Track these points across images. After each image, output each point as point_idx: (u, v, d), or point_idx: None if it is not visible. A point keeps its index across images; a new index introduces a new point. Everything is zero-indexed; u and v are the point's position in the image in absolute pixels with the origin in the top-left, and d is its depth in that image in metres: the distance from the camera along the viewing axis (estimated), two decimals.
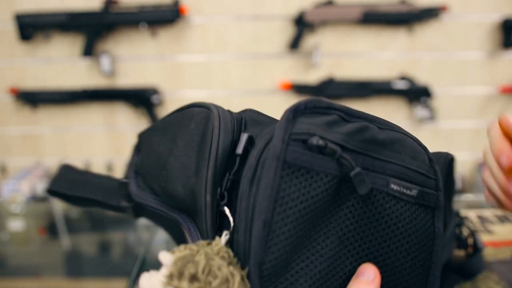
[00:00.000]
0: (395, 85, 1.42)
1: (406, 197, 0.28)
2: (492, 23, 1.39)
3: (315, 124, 0.26)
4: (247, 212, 0.25)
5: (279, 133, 0.25)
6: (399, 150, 0.28)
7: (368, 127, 0.28)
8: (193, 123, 0.32)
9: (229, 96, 1.49)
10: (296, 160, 0.25)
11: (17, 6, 1.40)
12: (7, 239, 1.05)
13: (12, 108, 1.52)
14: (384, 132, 0.28)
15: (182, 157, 0.31)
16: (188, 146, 0.31)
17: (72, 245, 1.03)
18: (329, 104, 0.29)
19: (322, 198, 0.25)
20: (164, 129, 0.36)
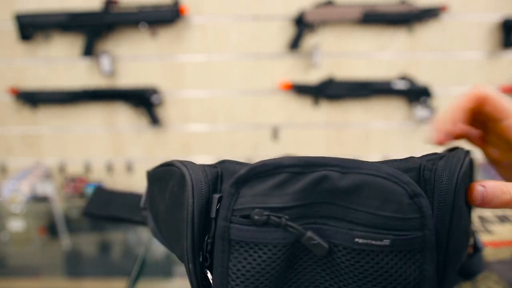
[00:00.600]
0: (395, 85, 1.43)
1: (377, 248, 0.25)
2: (492, 23, 1.39)
3: (258, 194, 0.26)
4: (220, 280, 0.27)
5: (222, 212, 0.26)
6: (366, 195, 0.26)
7: (327, 176, 0.26)
8: (174, 183, 0.32)
9: (229, 96, 1.49)
10: (241, 237, 0.26)
11: (17, 6, 1.40)
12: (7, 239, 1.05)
13: (12, 108, 1.52)
14: (347, 177, 0.26)
15: (171, 215, 0.32)
16: (173, 206, 0.32)
17: (72, 245, 1.03)
18: (275, 165, 0.27)
19: (275, 267, 0.26)
20: (157, 181, 0.37)
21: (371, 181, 0.26)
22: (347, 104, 1.49)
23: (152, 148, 1.56)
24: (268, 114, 1.51)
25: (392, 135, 1.53)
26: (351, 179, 0.26)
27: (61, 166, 1.57)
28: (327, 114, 1.51)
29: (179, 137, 1.55)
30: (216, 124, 1.53)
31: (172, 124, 1.53)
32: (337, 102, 1.49)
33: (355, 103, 1.49)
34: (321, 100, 1.48)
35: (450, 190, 0.27)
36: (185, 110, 1.52)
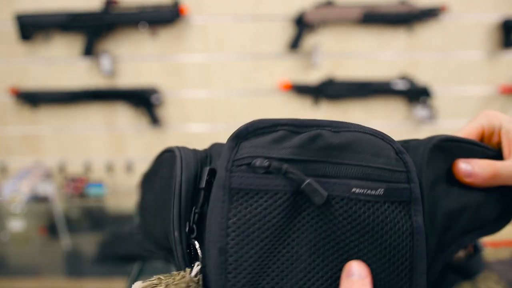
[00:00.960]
0: (395, 85, 1.43)
1: (373, 198, 0.27)
2: (492, 23, 1.39)
3: (259, 146, 0.27)
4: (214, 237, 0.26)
5: (222, 163, 0.26)
6: (357, 150, 0.27)
7: (321, 134, 0.27)
8: (164, 168, 0.33)
9: (229, 96, 1.49)
10: (242, 184, 0.26)
11: (17, 6, 1.40)
12: (7, 239, 1.05)
13: (12, 108, 1.52)
14: (339, 135, 0.28)
15: (158, 200, 0.32)
16: (162, 189, 0.32)
17: (72, 245, 1.03)
18: (273, 122, 0.28)
19: (276, 215, 0.26)
20: (148, 178, 0.37)
21: (361, 137, 0.28)
22: (347, 104, 1.49)
23: (152, 148, 1.56)
24: (268, 114, 1.51)
25: (392, 135, 1.52)
26: (343, 136, 0.27)
27: (61, 166, 1.57)
28: (327, 114, 1.51)
29: (179, 137, 1.54)
30: (216, 124, 1.53)
31: (172, 124, 1.53)
32: (337, 102, 1.49)
33: (355, 103, 1.49)
34: (321, 100, 1.48)
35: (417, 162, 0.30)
36: (185, 110, 1.52)
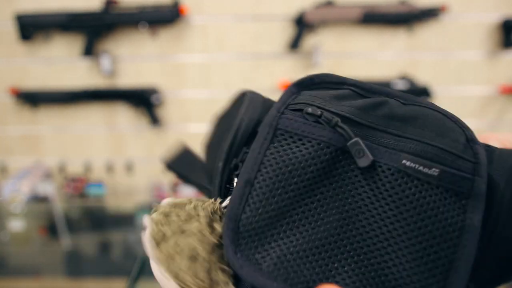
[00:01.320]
0: (395, 85, 1.42)
1: (423, 176, 0.24)
2: (492, 23, 1.39)
3: (319, 96, 0.26)
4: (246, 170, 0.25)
5: (277, 104, 0.26)
6: (422, 126, 0.26)
7: (387, 102, 0.26)
8: (233, 108, 0.33)
9: (229, 96, 1.49)
10: (288, 127, 0.25)
11: (17, 6, 1.40)
12: (7, 239, 1.05)
13: (12, 108, 1.52)
14: (407, 107, 0.26)
15: (220, 136, 0.33)
16: (225, 126, 0.32)
17: (72, 245, 1.03)
18: (341, 80, 0.27)
19: (311, 164, 0.24)
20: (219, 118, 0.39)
21: (430, 114, 0.26)
22: None
23: (152, 148, 1.56)
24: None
25: None
26: (411, 108, 0.26)
27: (61, 166, 1.58)
28: None
29: (179, 137, 1.55)
30: None
31: (172, 124, 1.53)
32: None
33: None
34: None
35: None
36: (185, 110, 1.52)
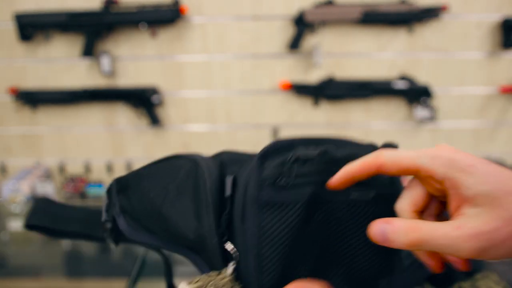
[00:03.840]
0: (395, 85, 1.42)
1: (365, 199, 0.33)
2: (492, 23, 1.39)
3: (281, 164, 0.32)
4: (243, 246, 0.32)
5: (253, 182, 0.32)
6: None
7: (327, 150, 0.33)
8: (182, 174, 0.38)
9: (229, 96, 1.49)
10: (270, 199, 0.31)
11: (17, 6, 1.40)
12: (7, 239, 1.05)
13: (12, 108, 1.52)
14: (341, 150, 0.34)
15: (177, 203, 0.37)
16: (181, 194, 0.37)
17: (72, 245, 1.03)
18: (289, 143, 0.34)
19: (297, 222, 0.31)
20: (153, 176, 0.41)
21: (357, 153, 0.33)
22: (347, 104, 1.49)
23: (152, 148, 1.56)
24: (268, 114, 1.51)
25: (392, 135, 1.53)
26: (344, 152, 0.34)
27: (61, 166, 1.58)
28: (327, 114, 1.51)
29: (179, 137, 1.55)
30: (216, 124, 1.53)
31: (172, 124, 1.53)
32: (337, 102, 1.49)
33: (355, 103, 1.49)
34: (321, 100, 1.48)
35: None
36: (185, 110, 1.52)
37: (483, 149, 1.54)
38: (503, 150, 1.54)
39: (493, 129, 1.51)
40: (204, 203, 0.34)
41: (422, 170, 0.28)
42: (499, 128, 1.51)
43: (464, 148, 1.53)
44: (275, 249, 0.31)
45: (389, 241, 0.27)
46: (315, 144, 0.34)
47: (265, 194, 0.31)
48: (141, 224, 0.41)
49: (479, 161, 0.26)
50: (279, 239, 0.31)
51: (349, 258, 0.34)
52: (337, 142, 0.35)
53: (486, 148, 1.54)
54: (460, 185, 0.26)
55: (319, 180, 0.32)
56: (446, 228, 0.25)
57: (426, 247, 0.26)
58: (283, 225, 0.31)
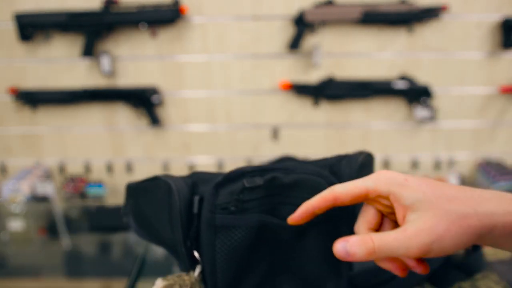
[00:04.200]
0: (395, 85, 1.43)
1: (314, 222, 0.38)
2: (492, 23, 1.39)
3: (232, 192, 0.38)
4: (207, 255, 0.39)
5: (207, 207, 0.38)
6: (301, 188, 0.39)
7: (276, 177, 0.39)
8: (161, 194, 0.44)
9: (229, 96, 1.49)
10: (223, 222, 0.38)
11: (17, 6, 1.40)
12: (7, 239, 1.05)
13: (12, 108, 1.52)
14: (289, 176, 0.39)
15: (160, 216, 0.45)
16: (161, 211, 0.44)
17: (72, 245, 1.03)
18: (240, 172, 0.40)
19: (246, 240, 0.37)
20: (144, 193, 0.50)
21: (305, 179, 0.39)
22: (347, 104, 1.49)
23: (152, 148, 1.56)
24: (268, 114, 1.51)
25: (392, 135, 1.53)
26: (292, 177, 0.39)
27: (61, 166, 1.58)
28: (327, 114, 1.51)
29: (179, 137, 1.55)
30: (216, 124, 1.53)
31: (172, 124, 1.53)
32: (337, 102, 1.49)
33: (355, 103, 1.49)
34: (321, 100, 1.48)
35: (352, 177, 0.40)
36: (185, 110, 1.52)
37: (483, 149, 1.54)
38: (503, 150, 1.54)
39: (493, 129, 1.51)
40: (174, 221, 0.41)
41: (370, 192, 0.33)
42: (499, 128, 1.51)
43: (464, 148, 1.53)
44: (226, 262, 0.38)
45: (350, 256, 0.31)
46: (264, 171, 0.39)
47: (217, 218, 0.37)
48: (141, 225, 0.51)
49: (411, 176, 0.33)
50: (229, 255, 0.38)
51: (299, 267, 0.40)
52: (288, 169, 0.40)
53: (486, 148, 1.54)
54: (400, 196, 0.31)
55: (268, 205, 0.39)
56: (394, 233, 0.30)
57: (382, 253, 0.30)
58: (233, 244, 0.37)
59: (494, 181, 1.41)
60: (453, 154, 1.55)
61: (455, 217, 0.29)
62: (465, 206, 0.30)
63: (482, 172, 1.50)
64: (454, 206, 0.30)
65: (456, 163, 1.55)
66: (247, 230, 0.37)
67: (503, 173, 1.42)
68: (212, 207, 0.38)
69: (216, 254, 0.38)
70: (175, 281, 0.39)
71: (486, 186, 1.46)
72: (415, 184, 0.31)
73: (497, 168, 1.46)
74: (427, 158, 1.54)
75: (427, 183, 0.32)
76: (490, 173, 1.45)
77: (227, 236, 0.37)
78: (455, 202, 0.30)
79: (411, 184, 0.31)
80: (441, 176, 1.54)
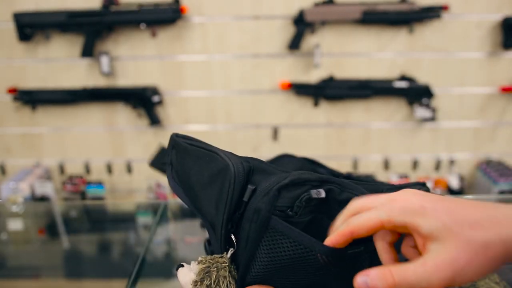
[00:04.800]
0: (395, 85, 1.42)
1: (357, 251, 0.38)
2: (492, 23, 1.39)
3: (293, 197, 0.38)
4: (244, 240, 0.39)
5: (267, 206, 0.38)
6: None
7: (332, 190, 0.39)
8: (215, 170, 0.44)
9: (229, 96, 1.49)
10: (276, 226, 0.37)
11: (17, 6, 1.40)
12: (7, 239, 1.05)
13: (12, 108, 1.52)
14: (343, 194, 0.40)
15: (207, 190, 0.45)
16: (210, 185, 0.44)
17: (71, 245, 1.02)
18: (305, 179, 0.39)
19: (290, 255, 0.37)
20: (194, 158, 0.49)
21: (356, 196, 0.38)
22: (347, 104, 1.49)
23: (152, 148, 1.56)
24: (268, 114, 1.51)
25: (392, 135, 1.52)
26: (346, 195, 0.40)
27: (60, 166, 1.57)
28: (327, 114, 1.51)
29: None
30: (216, 124, 1.53)
31: (172, 124, 1.53)
32: (337, 102, 1.48)
33: (355, 103, 1.49)
34: (321, 100, 1.48)
35: None
36: (185, 110, 1.52)
37: (483, 149, 1.54)
38: (503, 150, 1.54)
39: (493, 129, 1.51)
40: (223, 202, 0.41)
41: (385, 223, 0.32)
42: (499, 128, 1.51)
43: (464, 148, 1.53)
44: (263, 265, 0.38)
45: None
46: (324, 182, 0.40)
47: (275, 219, 0.38)
48: (180, 184, 0.51)
49: (428, 200, 0.30)
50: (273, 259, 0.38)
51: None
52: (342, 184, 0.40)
53: (486, 148, 1.53)
54: (417, 226, 0.30)
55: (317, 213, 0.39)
56: (413, 267, 0.29)
57: (402, 287, 0.29)
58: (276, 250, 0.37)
59: (494, 181, 1.41)
60: (453, 154, 1.55)
61: (479, 247, 0.27)
62: (489, 232, 0.28)
63: (482, 172, 1.50)
64: (477, 233, 0.28)
65: (456, 163, 1.54)
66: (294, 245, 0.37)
67: (503, 173, 1.42)
68: (272, 208, 0.38)
69: (259, 250, 0.38)
70: (211, 263, 0.40)
71: (486, 186, 1.46)
72: (433, 211, 0.30)
73: (497, 168, 1.46)
74: (427, 158, 1.54)
75: (446, 208, 0.30)
76: (490, 173, 1.45)
77: (275, 240, 0.38)
78: (477, 228, 0.28)
79: (429, 212, 0.30)
80: (441, 176, 1.54)
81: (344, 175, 0.61)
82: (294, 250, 0.37)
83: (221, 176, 0.43)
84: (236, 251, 0.41)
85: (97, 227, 1.10)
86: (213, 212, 0.43)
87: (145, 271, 0.71)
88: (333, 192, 0.40)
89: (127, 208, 1.44)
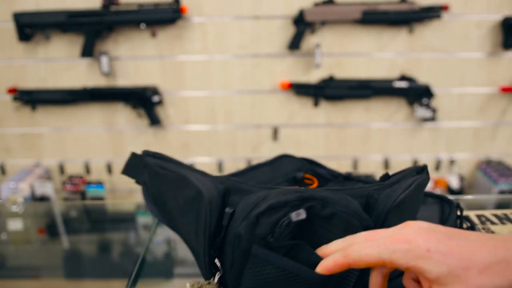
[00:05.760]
0: (395, 85, 1.42)
1: None
2: (492, 23, 1.39)
3: (273, 223, 0.37)
4: (229, 264, 0.39)
5: (246, 235, 0.37)
6: (335, 224, 0.38)
7: (313, 207, 0.38)
8: (189, 196, 0.43)
9: (229, 96, 1.49)
10: (257, 254, 0.37)
11: (17, 6, 1.40)
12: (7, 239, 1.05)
13: (12, 108, 1.52)
14: (325, 210, 0.39)
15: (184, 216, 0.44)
16: (187, 212, 0.43)
17: (71, 245, 1.02)
18: (284, 202, 0.38)
19: (276, 279, 0.36)
20: (167, 183, 0.48)
21: (341, 215, 0.38)
22: (347, 104, 1.49)
23: (152, 148, 1.55)
24: (268, 114, 1.51)
25: (393, 135, 1.52)
26: (329, 210, 0.38)
27: (60, 166, 1.57)
28: (327, 114, 1.51)
29: (179, 137, 1.54)
30: (216, 124, 1.53)
31: (172, 124, 1.53)
32: (337, 102, 1.48)
33: (355, 103, 1.49)
34: (321, 100, 1.48)
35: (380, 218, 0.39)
36: (185, 110, 1.52)
37: (483, 149, 1.54)
38: (503, 150, 1.54)
39: (493, 129, 1.51)
40: (201, 230, 0.40)
41: (386, 263, 0.31)
42: (499, 128, 1.51)
43: (464, 148, 1.53)
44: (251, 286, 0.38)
45: None
46: (304, 200, 0.38)
47: (255, 248, 0.37)
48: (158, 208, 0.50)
49: (434, 241, 0.29)
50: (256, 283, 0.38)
51: None
52: (325, 199, 0.39)
53: (486, 148, 1.53)
54: (423, 270, 0.29)
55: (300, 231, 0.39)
56: None
57: None
58: (261, 275, 0.37)
59: (494, 181, 1.41)
60: (454, 154, 1.55)
61: None
62: (499, 277, 0.27)
63: (482, 172, 1.50)
64: (486, 279, 0.27)
65: (456, 163, 1.54)
66: (278, 270, 0.37)
67: (503, 173, 1.42)
68: (251, 237, 0.37)
69: (245, 274, 0.38)
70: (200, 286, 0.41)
71: (486, 186, 1.46)
72: (439, 255, 0.28)
73: (497, 168, 1.46)
74: (427, 158, 1.54)
75: (453, 251, 0.28)
76: (490, 173, 1.45)
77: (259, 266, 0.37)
78: (486, 273, 0.27)
79: (434, 255, 0.28)
80: (442, 176, 1.54)
81: (343, 175, 0.60)
82: (279, 275, 0.37)
83: (196, 203, 0.42)
84: (223, 274, 0.41)
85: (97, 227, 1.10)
86: (193, 238, 0.43)
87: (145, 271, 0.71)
88: (315, 209, 0.38)
89: (127, 208, 1.44)
